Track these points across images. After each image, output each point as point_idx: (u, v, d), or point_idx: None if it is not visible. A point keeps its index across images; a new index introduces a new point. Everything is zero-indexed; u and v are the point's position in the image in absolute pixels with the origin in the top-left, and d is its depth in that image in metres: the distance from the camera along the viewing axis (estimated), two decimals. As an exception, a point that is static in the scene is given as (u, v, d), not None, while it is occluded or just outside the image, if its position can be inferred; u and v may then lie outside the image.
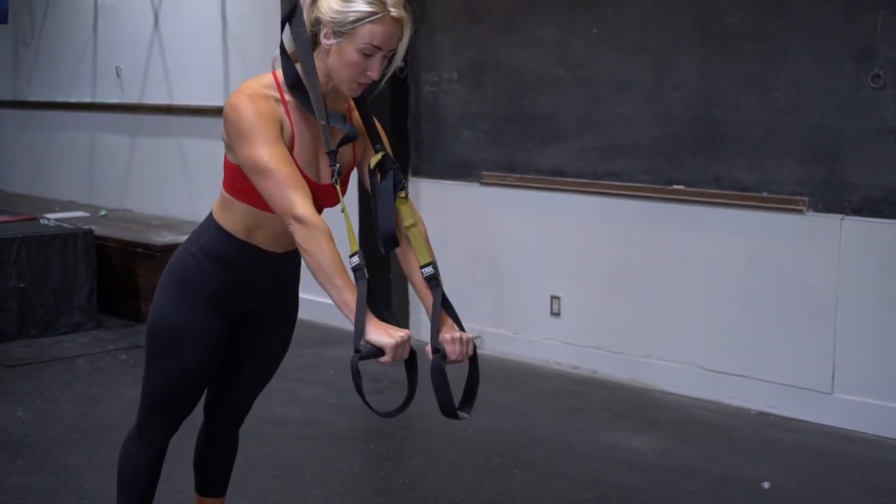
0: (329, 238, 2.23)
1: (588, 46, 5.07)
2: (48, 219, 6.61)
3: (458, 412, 2.36)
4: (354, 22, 2.25)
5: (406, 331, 2.22)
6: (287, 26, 2.37)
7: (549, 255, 5.35)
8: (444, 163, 5.68)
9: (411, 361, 2.28)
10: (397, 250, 2.47)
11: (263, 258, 2.53)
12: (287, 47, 2.40)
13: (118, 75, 7.72)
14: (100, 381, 5.09)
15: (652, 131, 4.89)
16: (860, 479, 3.96)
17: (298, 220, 2.23)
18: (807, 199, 4.45)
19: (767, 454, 4.20)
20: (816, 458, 4.17)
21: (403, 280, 5.89)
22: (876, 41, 4.21)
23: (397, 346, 2.18)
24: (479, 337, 5.63)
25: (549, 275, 5.36)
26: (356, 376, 2.18)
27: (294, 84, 2.36)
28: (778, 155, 4.52)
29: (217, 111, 6.85)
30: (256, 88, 2.36)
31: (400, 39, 2.32)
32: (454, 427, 4.46)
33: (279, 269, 2.61)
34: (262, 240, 2.50)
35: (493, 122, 5.47)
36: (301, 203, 2.24)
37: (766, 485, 3.86)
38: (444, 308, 2.39)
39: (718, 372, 4.80)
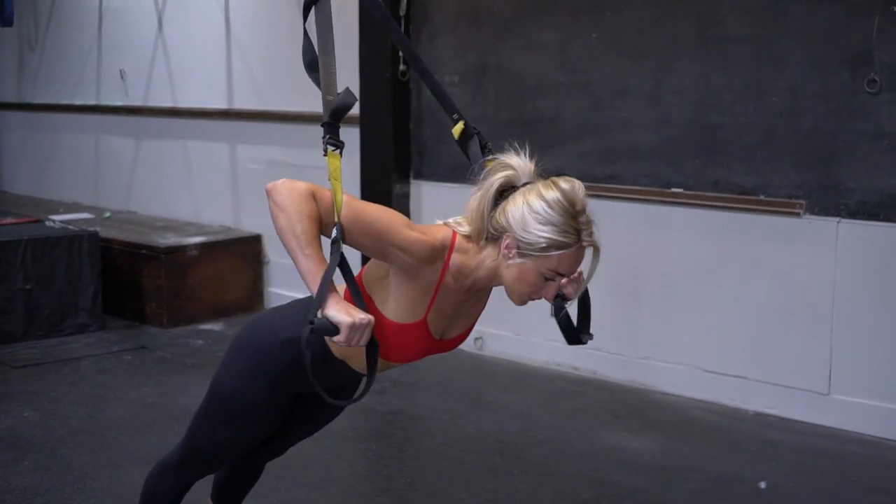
0: (315, 211, 2.12)
1: (588, 51, 5.12)
2: (53, 221, 6.66)
3: (582, 337, 2.46)
4: (545, 248, 2.19)
5: (369, 315, 2.11)
6: (312, 9, 2.37)
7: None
8: (445, 166, 5.73)
9: (371, 351, 2.17)
10: None
11: (349, 375, 2.49)
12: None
13: (122, 78, 7.77)
14: (105, 382, 5.15)
15: (651, 135, 4.94)
16: (857, 480, 4.01)
17: (296, 185, 2.14)
18: (804, 202, 4.50)
19: (765, 454, 4.25)
20: (814, 459, 4.22)
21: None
22: (872, 46, 4.26)
23: (354, 327, 2.06)
24: (481, 338, 5.68)
25: (550, 277, 5.40)
26: (304, 349, 2.06)
27: (311, 65, 2.34)
28: (775, 159, 4.57)
29: (221, 114, 6.93)
30: (436, 228, 2.31)
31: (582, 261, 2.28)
32: (455, 427, 4.53)
33: (357, 381, 2.58)
34: (355, 362, 2.43)
35: (493, 126, 5.51)
36: (312, 187, 2.15)
37: (762, 485, 3.91)
38: None
39: (717, 373, 4.85)
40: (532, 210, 2.19)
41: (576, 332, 2.46)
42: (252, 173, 6.77)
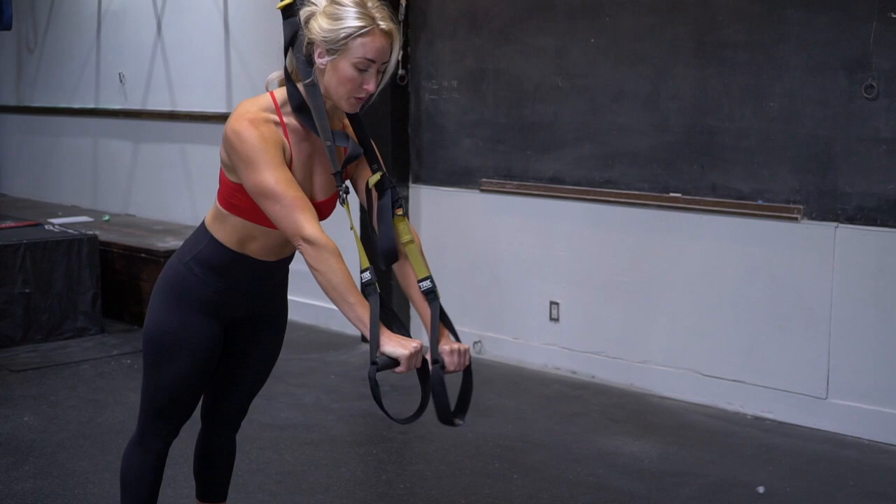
0: (339, 257, 2.32)
1: (586, 56, 5.13)
2: (52, 224, 6.67)
3: (454, 419, 2.44)
4: (346, 38, 2.33)
5: (418, 341, 2.31)
6: (290, 51, 2.44)
7: (548, 262, 5.41)
8: (443, 170, 5.74)
9: (424, 370, 2.38)
10: (395, 266, 2.53)
11: (255, 267, 2.62)
12: (289, 69, 2.47)
13: (121, 81, 7.79)
14: (105, 386, 5.16)
15: (649, 140, 4.95)
16: (854, 484, 4.02)
17: (308, 241, 2.32)
18: (801, 207, 4.52)
19: (763, 459, 4.26)
20: (811, 463, 4.24)
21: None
22: (869, 52, 4.28)
23: (411, 357, 2.29)
24: (479, 342, 5.70)
25: (548, 281, 5.42)
26: (374, 387, 2.28)
27: (299, 107, 2.43)
28: (773, 164, 4.59)
29: (219, 117, 6.93)
30: (256, 112, 2.42)
31: (391, 52, 2.40)
32: (454, 432, 4.53)
33: (270, 276, 2.70)
34: (254, 250, 2.58)
35: (492, 130, 5.54)
36: (309, 224, 2.33)
37: (760, 489, 3.92)
38: (441, 320, 2.48)
39: (714, 377, 4.87)
40: (328, 14, 2.36)
41: (448, 412, 2.40)
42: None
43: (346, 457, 4.28)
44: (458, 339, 2.50)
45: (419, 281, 2.51)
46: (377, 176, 2.50)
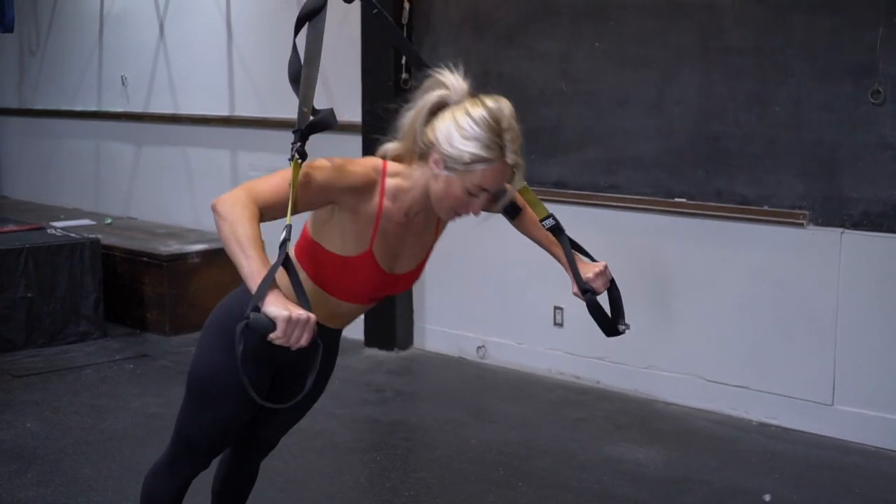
0: (255, 219, 2.12)
1: (590, 60, 5.12)
2: (55, 228, 6.66)
3: (619, 326, 2.59)
4: (469, 163, 2.22)
5: (310, 314, 2.03)
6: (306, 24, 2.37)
7: (552, 267, 5.31)
8: (447, 174, 5.71)
9: (313, 350, 2.08)
10: (514, 222, 2.66)
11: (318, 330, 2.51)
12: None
13: (123, 84, 7.77)
14: (107, 392, 5.14)
15: (653, 145, 4.94)
16: (860, 492, 4.01)
17: (235, 194, 2.15)
18: (807, 212, 4.50)
19: (768, 466, 4.25)
20: (817, 470, 4.22)
21: (407, 293, 5.95)
22: (875, 57, 4.26)
23: (291, 322, 1.99)
24: (483, 347, 5.68)
25: (552, 285, 5.38)
26: (237, 343, 2.02)
27: (295, 77, 2.35)
28: (778, 169, 4.57)
29: (221, 120, 6.92)
30: (365, 161, 2.35)
31: (510, 181, 2.31)
32: (458, 439, 4.53)
33: (330, 336, 2.59)
34: (321, 317, 2.34)
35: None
36: (251, 192, 2.16)
37: (767, 497, 3.91)
38: (574, 250, 2.57)
39: (719, 383, 4.85)
40: (458, 126, 2.23)
41: (612, 323, 2.57)
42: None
43: (350, 464, 4.26)
44: (592, 260, 2.62)
45: (542, 220, 2.57)
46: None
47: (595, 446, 4.46)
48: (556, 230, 2.58)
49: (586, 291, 2.52)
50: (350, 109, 5.73)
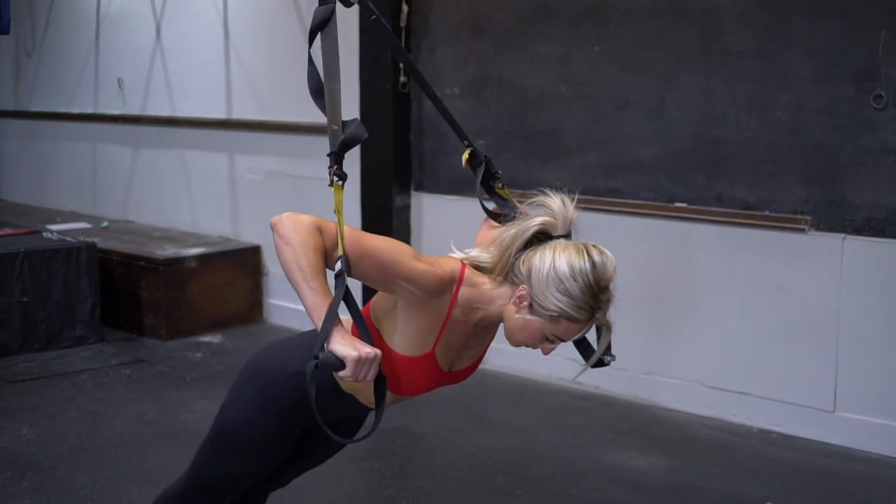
0: (320, 244, 2.08)
1: (590, 63, 5.08)
2: (51, 231, 6.62)
3: (604, 358, 2.52)
4: (556, 316, 2.19)
5: (376, 349, 2.05)
6: (318, 35, 2.34)
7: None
8: (446, 178, 5.69)
9: (380, 386, 2.11)
10: None
11: (355, 406, 2.45)
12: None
13: (120, 86, 7.73)
14: (104, 398, 5.10)
15: (654, 149, 4.90)
16: (864, 500, 3.97)
17: (301, 219, 2.10)
18: (809, 218, 4.46)
19: (769, 473, 4.21)
20: (819, 478, 4.19)
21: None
22: (878, 61, 4.22)
23: (360, 361, 2.01)
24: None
25: (552, 290, 5.36)
26: (308, 385, 2.01)
27: (316, 91, 2.31)
28: (780, 174, 4.53)
29: (219, 123, 6.88)
30: (445, 260, 2.29)
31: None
32: (457, 446, 4.49)
33: (364, 412, 2.55)
34: (363, 396, 2.40)
35: (495, 138, 5.48)
36: (318, 221, 2.11)
37: (768, 506, 3.88)
38: None
39: (720, 389, 4.81)
40: (556, 274, 2.17)
41: (594, 353, 2.49)
42: (251, 183, 6.73)
43: (349, 472, 4.22)
44: None
45: None
46: (467, 151, 2.51)
47: (595, 453, 4.42)
48: None
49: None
50: (348, 114, 5.68)
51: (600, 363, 2.48)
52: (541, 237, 2.24)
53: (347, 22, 5.58)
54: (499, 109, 5.45)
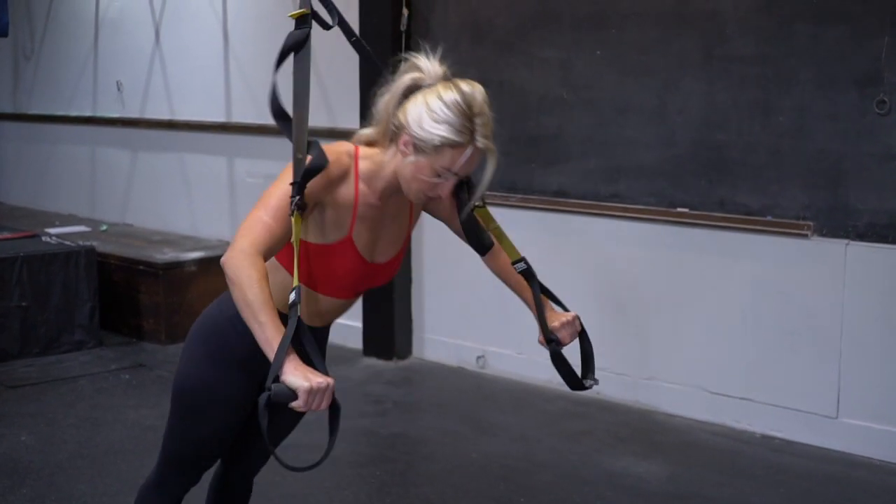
0: (264, 278, 2.16)
1: (592, 68, 5.06)
2: (50, 235, 6.60)
3: (585, 382, 2.46)
4: (438, 146, 2.21)
5: (328, 378, 2.09)
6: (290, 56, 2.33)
7: (552, 276, 5.28)
8: (446, 182, 5.66)
9: (333, 413, 2.15)
10: (485, 258, 2.58)
11: (299, 329, 2.45)
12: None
13: (119, 89, 7.71)
14: (103, 403, 5.08)
15: (656, 154, 4.88)
16: (866, 507, 3.97)
17: (241, 250, 2.18)
18: (811, 223, 4.45)
19: (773, 480, 4.20)
20: (822, 484, 4.17)
21: (406, 301, 5.89)
22: (881, 67, 4.21)
23: (312, 391, 2.05)
24: (483, 356, 5.63)
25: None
26: (261, 418, 2.06)
27: (278, 114, 2.32)
28: (782, 179, 4.52)
29: (218, 127, 6.86)
30: (338, 146, 2.33)
31: (479, 164, 2.29)
32: (458, 452, 4.47)
33: (312, 338, 2.53)
34: (303, 314, 2.37)
35: (496, 143, 5.45)
36: (254, 242, 2.19)
37: (772, 513, 3.86)
38: (544, 295, 2.48)
39: (722, 395, 4.80)
40: (429, 109, 2.22)
41: (576, 377, 2.46)
42: (250, 187, 6.71)
43: (349, 479, 4.20)
44: (564, 309, 2.51)
45: (513, 263, 2.49)
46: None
47: (596, 460, 4.41)
48: (528, 275, 2.49)
49: (551, 341, 2.42)
50: (348, 117, 5.67)
51: (582, 387, 2.47)
52: (412, 92, 2.29)
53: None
54: (500, 114, 5.33)
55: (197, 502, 2.92)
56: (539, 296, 2.47)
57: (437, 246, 5.66)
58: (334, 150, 2.30)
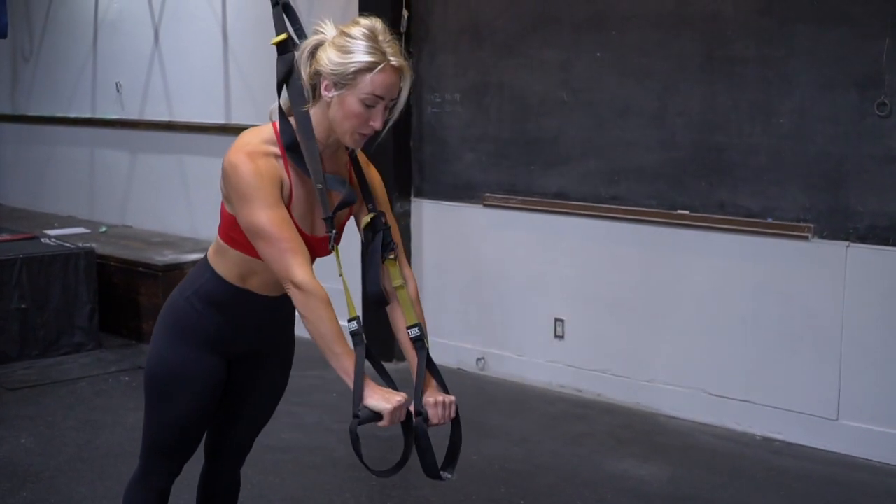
0: (327, 305, 2.28)
1: (592, 70, 5.06)
2: (49, 237, 6.59)
3: (442, 473, 2.40)
4: (355, 73, 2.26)
5: (403, 394, 2.27)
6: (284, 88, 2.38)
7: (553, 278, 5.34)
8: (446, 184, 5.67)
9: (408, 422, 2.34)
10: (387, 308, 2.52)
11: (258, 302, 2.56)
12: (284, 105, 2.39)
13: (118, 91, 7.70)
14: (102, 406, 5.07)
15: (656, 156, 4.88)
16: (867, 509, 3.96)
17: (297, 286, 2.27)
18: (812, 225, 4.45)
19: (773, 482, 4.19)
20: (822, 486, 4.17)
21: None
22: (882, 69, 4.21)
23: (394, 411, 2.24)
24: (483, 359, 5.63)
25: (553, 297, 5.35)
26: (355, 441, 2.25)
27: (291, 146, 2.35)
28: (783, 181, 4.52)
29: (217, 128, 6.86)
30: (256, 145, 2.34)
31: (401, 88, 2.33)
32: (460, 455, 4.45)
33: (274, 312, 2.63)
34: (256, 285, 2.52)
35: (495, 144, 5.46)
36: (300, 268, 2.28)
37: (773, 516, 3.86)
38: (428, 369, 2.44)
39: (722, 397, 4.79)
40: (338, 46, 2.29)
41: (434, 466, 2.36)
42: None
43: (350, 481, 4.20)
44: (445, 390, 2.44)
45: (408, 328, 2.48)
46: (369, 217, 2.46)
47: (597, 462, 4.40)
48: (418, 343, 2.47)
49: (419, 414, 2.34)
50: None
51: (437, 475, 2.39)
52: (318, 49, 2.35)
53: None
54: (499, 116, 5.43)
55: (186, 503, 2.93)
56: (423, 367, 2.43)
57: (436, 249, 5.66)
58: (254, 149, 2.33)
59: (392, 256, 2.47)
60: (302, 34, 2.46)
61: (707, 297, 4.82)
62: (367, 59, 2.26)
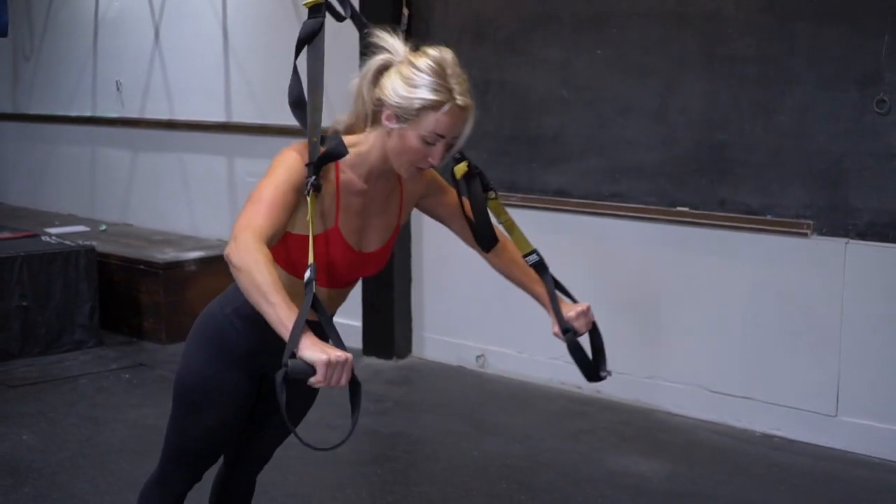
0: (271, 262, 2.12)
1: (593, 68, 5.07)
2: (50, 235, 6.60)
3: (600, 373, 2.51)
4: (419, 110, 2.21)
5: (347, 354, 2.05)
6: (305, 48, 2.35)
7: (554, 275, 5.33)
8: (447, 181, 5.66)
9: (354, 390, 2.10)
10: (491, 254, 2.56)
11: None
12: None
13: (118, 89, 7.71)
14: (104, 402, 5.09)
15: (657, 154, 4.89)
16: (866, 505, 3.98)
17: (244, 240, 2.14)
18: (811, 222, 4.46)
19: (774, 479, 4.21)
20: (821, 482, 4.18)
21: (406, 301, 5.90)
22: (881, 66, 4.22)
23: (330, 364, 2.00)
24: (483, 356, 5.64)
25: (553, 295, 5.35)
26: (279, 393, 2.01)
27: (296, 103, 2.33)
28: (783, 178, 4.53)
29: (218, 126, 6.86)
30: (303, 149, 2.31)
31: (464, 126, 2.29)
32: (459, 451, 4.48)
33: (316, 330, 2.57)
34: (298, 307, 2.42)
35: (497, 142, 5.47)
36: (256, 232, 2.17)
37: (773, 512, 3.87)
38: (556, 288, 2.50)
39: (723, 394, 4.81)
40: (404, 77, 2.23)
41: (594, 367, 2.52)
42: (250, 187, 6.62)
43: (352, 478, 4.21)
44: (574, 301, 2.53)
45: (525, 256, 2.52)
46: (464, 164, 2.45)
47: (598, 459, 4.42)
48: (540, 267, 2.53)
49: (567, 331, 2.44)
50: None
51: (598, 377, 2.52)
52: (384, 71, 2.30)
53: (346, 24, 5.57)
54: (500, 114, 5.44)
55: (199, 503, 2.94)
56: (553, 288, 2.50)
57: (437, 245, 5.66)
58: (305, 149, 2.30)
59: (493, 196, 2.48)
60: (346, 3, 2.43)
61: (707, 294, 4.83)
62: (433, 97, 2.21)
